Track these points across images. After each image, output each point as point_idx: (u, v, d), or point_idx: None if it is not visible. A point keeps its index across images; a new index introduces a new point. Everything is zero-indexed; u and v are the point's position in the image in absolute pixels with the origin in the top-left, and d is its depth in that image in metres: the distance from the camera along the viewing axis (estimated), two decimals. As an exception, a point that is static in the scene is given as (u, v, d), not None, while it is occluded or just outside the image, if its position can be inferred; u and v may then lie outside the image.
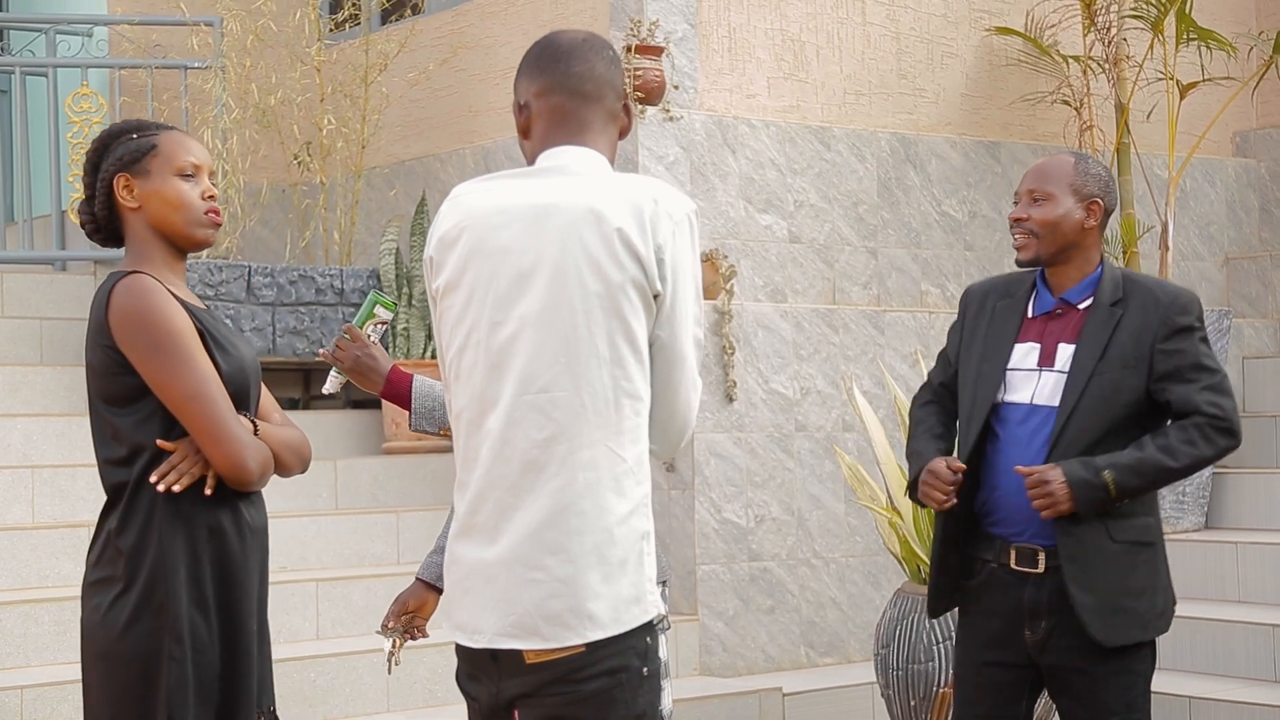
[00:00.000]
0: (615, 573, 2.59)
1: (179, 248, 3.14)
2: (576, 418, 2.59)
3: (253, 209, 7.94)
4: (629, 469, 2.61)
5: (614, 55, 2.78)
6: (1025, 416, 3.61)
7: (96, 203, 3.15)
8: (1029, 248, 3.65)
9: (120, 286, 3.02)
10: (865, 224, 7.27)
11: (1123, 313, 3.60)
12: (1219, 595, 6.40)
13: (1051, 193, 3.65)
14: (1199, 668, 6.00)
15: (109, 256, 7.71)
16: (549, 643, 2.58)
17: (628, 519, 2.60)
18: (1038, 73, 7.62)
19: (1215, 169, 8.38)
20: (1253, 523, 6.86)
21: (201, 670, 3.05)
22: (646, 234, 2.61)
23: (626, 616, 2.59)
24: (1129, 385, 3.57)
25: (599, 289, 2.60)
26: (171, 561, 3.01)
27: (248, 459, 3.02)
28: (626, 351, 2.61)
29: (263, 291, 7.36)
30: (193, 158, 3.13)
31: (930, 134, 7.51)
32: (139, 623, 3.01)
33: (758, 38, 7.11)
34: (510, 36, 7.49)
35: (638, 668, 2.60)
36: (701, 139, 6.85)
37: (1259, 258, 8.31)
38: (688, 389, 2.68)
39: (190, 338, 3.01)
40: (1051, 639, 3.58)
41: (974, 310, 3.78)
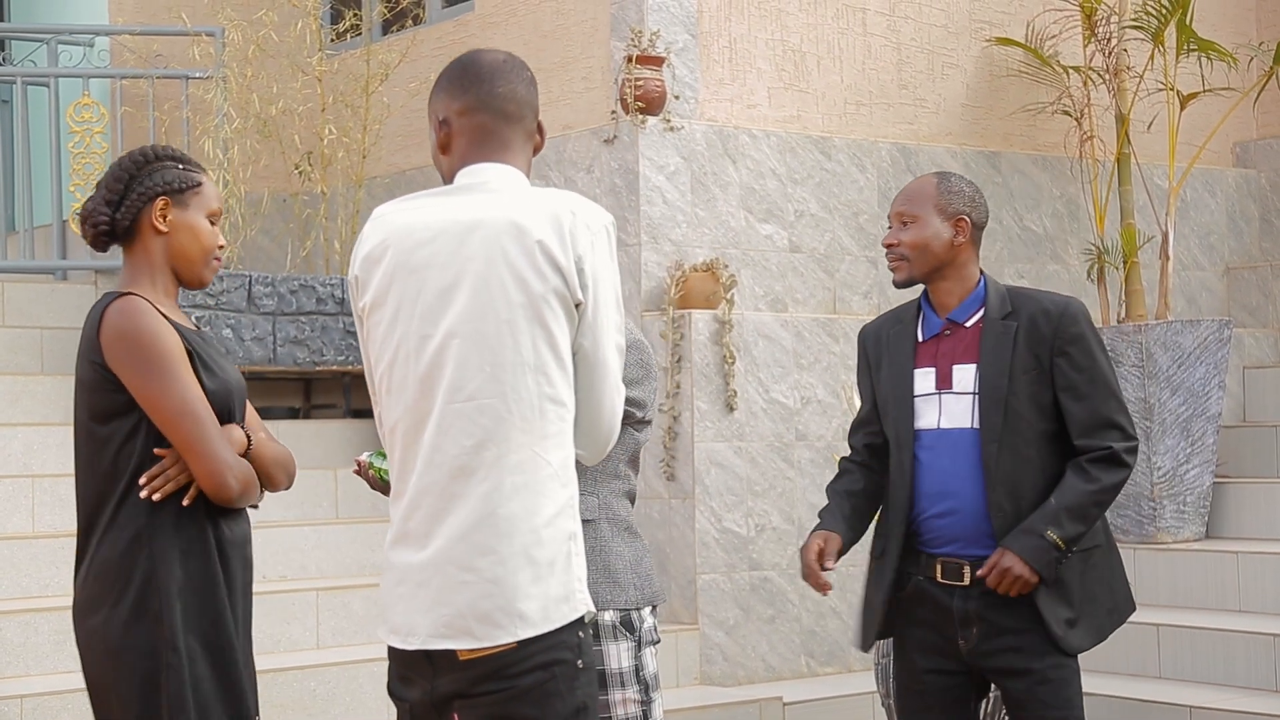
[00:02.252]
0: (544, 573, 2.68)
1: (181, 280, 3.28)
2: (503, 424, 2.69)
3: (254, 218, 7.95)
4: (554, 472, 2.71)
5: (532, 77, 2.91)
6: (935, 441, 3.67)
7: (123, 210, 3.24)
8: (902, 269, 3.74)
9: (114, 307, 3.13)
10: (866, 234, 7.27)
11: (1016, 325, 3.65)
12: (1219, 605, 6.39)
13: (918, 214, 3.73)
14: (1199, 677, 6.00)
15: (109, 266, 7.72)
16: (481, 642, 2.66)
17: (555, 520, 2.70)
18: (1038, 83, 7.63)
19: (1216, 179, 8.38)
20: (1253, 532, 6.85)
21: (196, 681, 3.10)
22: (566, 245, 2.71)
23: (556, 615, 2.68)
24: (1042, 398, 3.62)
25: (522, 299, 2.69)
26: (163, 575, 3.09)
27: (229, 477, 3.12)
28: (550, 359, 2.70)
29: (263, 301, 7.37)
30: (219, 205, 3.32)
31: (931, 144, 7.52)
32: (135, 635, 3.07)
33: (758, 48, 7.12)
34: (511, 46, 7.50)
35: (572, 660, 2.70)
36: (702, 149, 6.86)
37: (1259, 268, 8.32)
38: (611, 395, 2.78)
39: (179, 357, 3.12)
40: (984, 645, 3.64)
41: (872, 347, 3.86)
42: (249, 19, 7.91)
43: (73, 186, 8.13)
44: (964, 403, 3.64)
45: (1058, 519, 3.55)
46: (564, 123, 7.18)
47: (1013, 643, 3.61)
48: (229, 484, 3.12)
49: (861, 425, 3.89)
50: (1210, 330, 6.95)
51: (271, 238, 8.36)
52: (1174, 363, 6.84)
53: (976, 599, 3.62)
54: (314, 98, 7.84)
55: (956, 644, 3.66)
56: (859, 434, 3.90)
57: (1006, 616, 3.61)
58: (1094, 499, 3.59)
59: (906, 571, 3.74)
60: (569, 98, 7.19)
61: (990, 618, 3.61)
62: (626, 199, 6.77)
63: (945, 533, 3.66)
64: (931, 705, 3.71)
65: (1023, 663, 3.61)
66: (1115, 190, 7.45)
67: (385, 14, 8.11)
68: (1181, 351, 6.87)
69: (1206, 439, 6.88)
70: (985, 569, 3.57)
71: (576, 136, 7.02)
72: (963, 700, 3.71)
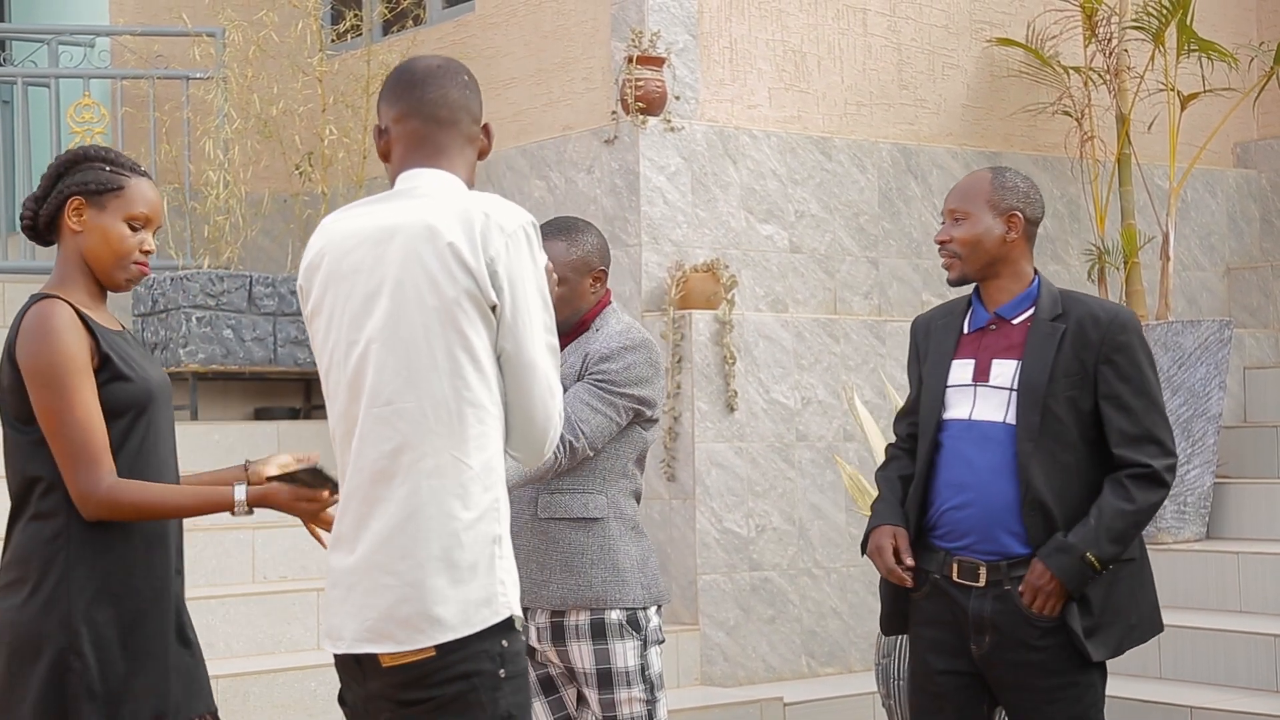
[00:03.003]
0: (465, 576, 2.68)
1: (97, 282, 3.26)
2: (419, 428, 2.70)
3: (254, 219, 7.95)
4: (475, 475, 2.70)
5: (469, 80, 2.90)
6: (962, 432, 3.65)
7: (45, 206, 3.26)
8: (955, 267, 3.73)
9: (32, 310, 3.15)
10: (866, 234, 7.27)
11: (1064, 328, 3.63)
12: (1220, 605, 6.39)
13: (970, 211, 3.70)
14: (1200, 678, 6.00)
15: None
16: (401, 645, 2.67)
17: (475, 524, 2.70)
18: (1039, 84, 7.63)
19: (1216, 180, 8.38)
20: (1254, 533, 6.85)
21: (108, 679, 3.09)
22: (477, 247, 2.70)
23: (476, 619, 2.67)
24: (1083, 403, 3.60)
25: (435, 303, 2.70)
26: (78, 574, 3.09)
27: (90, 502, 3.07)
28: (465, 362, 2.70)
29: (264, 301, 7.37)
30: (146, 210, 3.24)
31: (931, 144, 7.52)
32: (45, 627, 3.08)
33: (759, 48, 7.12)
34: (512, 47, 7.51)
35: (492, 670, 2.68)
36: (703, 149, 6.86)
37: (1260, 268, 8.32)
38: (543, 396, 2.76)
39: (77, 370, 3.10)
40: (995, 654, 3.61)
41: (922, 338, 3.85)
42: (249, 19, 7.91)
43: (73, 187, 8.13)
44: (999, 397, 3.62)
45: (1098, 540, 3.52)
46: (564, 123, 7.18)
47: (1025, 656, 3.57)
48: (89, 498, 3.07)
49: (906, 413, 3.87)
50: (1211, 331, 6.95)
51: (272, 238, 8.36)
52: (1174, 363, 6.84)
53: (992, 602, 3.59)
54: (315, 98, 7.84)
55: (969, 647, 3.63)
56: (903, 422, 3.88)
57: (1022, 628, 3.57)
58: (1133, 520, 3.56)
59: (922, 569, 3.71)
60: (569, 98, 7.20)
61: (1004, 627, 3.58)
62: (627, 199, 6.77)
63: (960, 525, 3.63)
64: (944, 707, 3.67)
65: (1031, 678, 3.57)
66: (1116, 190, 7.45)
67: (386, 14, 8.11)
68: (1182, 352, 6.87)
69: (1207, 439, 6.88)
70: (1024, 587, 3.55)
71: (577, 137, 7.03)
72: (975, 702, 3.67)
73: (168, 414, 3.29)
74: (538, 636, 3.77)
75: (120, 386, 3.16)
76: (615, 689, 3.70)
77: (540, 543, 3.74)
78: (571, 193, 7.04)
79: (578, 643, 3.72)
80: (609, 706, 3.71)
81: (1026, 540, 3.59)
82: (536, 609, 3.77)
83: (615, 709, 3.70)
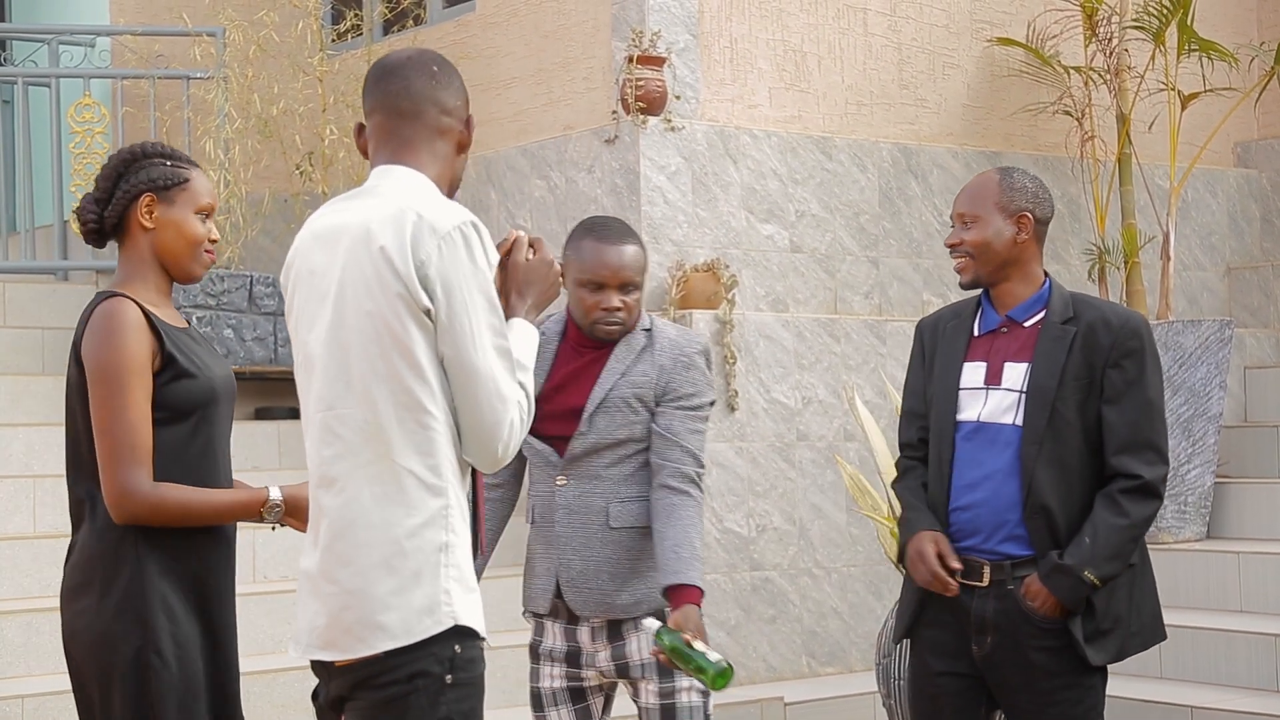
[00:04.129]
0: (408, 584, 2.63)
1: (171, 276, 3.28)
2: (359, 434, 2.66)
3: (255, 219, 7.95)
4: (420, 482, 2.65)
5: (437, 71, 2.80)
6: (971, 434, 3.65)
7: (110, 208, 3.25)
8: (967, 270, 3.70)
9: (100, 310, 3.16)
10: (867, 234, 7.27)
11: (1075, 331, 3.61)
12: (1221, 605, 6.39)
13: (979, 214, 3.68)
14: (1201, 678, 6.00)
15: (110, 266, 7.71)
16: (346, 654, 2.67)
17: (420, 531, 2.65)
18: (1039, 83, 7.63)
19: (1217, 179, 8.38)
20: (1254, 533, 6.85)
21: (188, 678, 3.11)
22: (406, 250, 2.64)
23: (418, 628, 2.63)
24: (1091, 407, 3.60)
25: (370, 307, 2.66)
26: (150, 572, 3.10)
27: (126, 499, 3.07)
28: (403, 367, 2.64)
29: (265, 301, 7.37)
30: (210, 199, 3.29)
31: (932, 144, 7.51)
32: (119, 630, 3.08)
33: (759, 48, 7.12)
34: (512, 47, 7.51)
35: (439, 674, 2.64)
36: (703, 149, 6.86)
37: (1260, 268, 8.32)
38: (490, 401, 2.67)
39: (137, 372, 3.10)
40: (996, 654, 3.60)
41: (929, 339, 3.82)
42: (250, 19, 7.91)
43: (74, 187, 8.14)
44: (1009, 399, 3.61)
45: (1094, 559, 3.52)
46: (565, 123, 7.18)
47: (1026, 658, 3.57)
48: (124, 500, 3.07)
49: (914, 418, 3.82)
50: (1211, 330, 6.95)
51: (273, 238, 8.36)
52: (1175, 363, 6.84)
53: (994, 602, 3.59)
54: (315, 98, 7.84)
55: (970, 648, 3.63)
56: (912, 427, 3.82)
57: (1024, 630, 3.57)
58: (1129, 535, 3.55)
59: None
60: (570, 98, 7.19)
61: (1006, 628, 3.58)
62: (627, 199, 6.77)
63: (967, 526, 3.63)
64: (942, 709, 3.67)
65: (1033, 679, 3.57)
66: (1116, 190, 7.45)
67: (386, 14, 8.11)
68: (1183, 352, 6.87)
69: (1208, 439, 6.88)
70: (1025, 592, 3.55)
71: (577, 137, 7.03)
72: (974, 705, 3.67)
73: (229, 411, 3.30)
74: (591, 637, 3.74)
75: (185, 385, 3.17)
76: (676, 678, 3.69)
77: (613, 553, 3.69)
78: (572, 193, 7.04)
79: (637, 635, 3.70)
80: (668, 695, 3.70)
81: (1030, 543, 3.59)
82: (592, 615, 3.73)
83: (675, 697, 3.70)
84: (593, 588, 3.69)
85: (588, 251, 3.68)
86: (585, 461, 3.69)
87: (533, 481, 3.79)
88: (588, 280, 3.68)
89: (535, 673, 3.81)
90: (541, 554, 3.75)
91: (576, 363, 3.73)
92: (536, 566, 3.77)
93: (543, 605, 3.75)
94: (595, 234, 3.71)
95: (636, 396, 3.68)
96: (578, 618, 3.74)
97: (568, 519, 3.70)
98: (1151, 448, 3.59)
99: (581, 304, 3.70)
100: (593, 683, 3.79)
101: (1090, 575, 3.52)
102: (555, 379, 3.73)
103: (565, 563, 3.69)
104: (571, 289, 3.72)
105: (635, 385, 3.69)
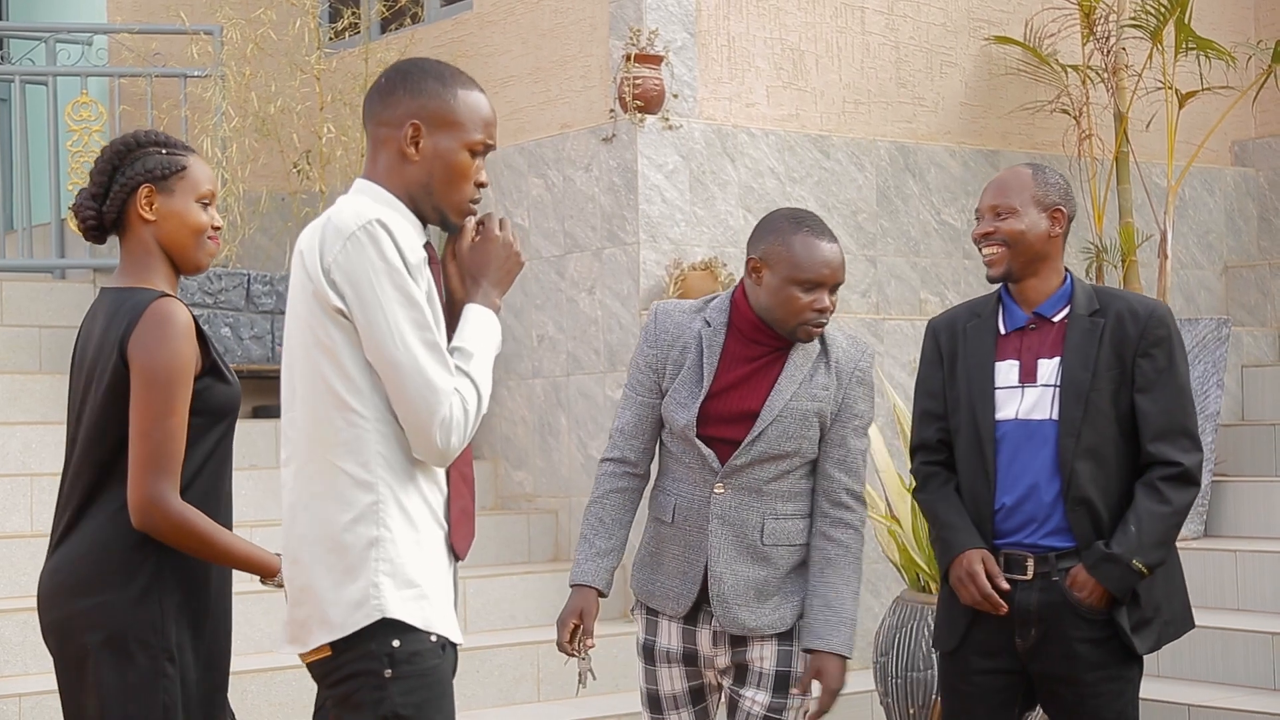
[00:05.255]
0: (344, 579, 2.72)
1: (177, 267, 3.21)
2: (303, 435, 2.77)
3: (252, 217, 7.94)
4: (350, 479, 2.73)
5: (384, 84, 2.86)
6: (1010, 431, 3.64)
7: (108, 203, 3.18)
8: (1000, 262, 3.66)
9: (154, 310, 3.07)
10: (864, 232, 7.27)
11: (1104, 323, 3.62)
12: (1218, 603, 6.40)
13: (1015, 206, 3.66)
14: (1198, 675, 6.00)
15: (108, 264, 7.72)
16: (303, 647, 2.78)
17: (353, 526, 2.72)
18: (1037, 82, 7.63)
19: (1214, 178, 8.38)
20: (1252, 531, 6.85)
21: (187, 686, 3.10)
22: (315, 252, 2.73)
23: (350, 621, 2.71)
24: (1123, 397, 3.61)
25: (301, 311, 2.77)
26: (165, 577, 3.07)
27: (155, 508, 3.02)
28: (329, 369, 2.73)
29: (262, 300, 7.37)
30: (210, 185, 3.22)
31: (929, 143, 7.51)
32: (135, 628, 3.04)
33: (757, 46, 7.11)
34: (509, 45, 7.50)
35: (378, 670, 2.71)
36: (701, 148, 6.86)
37: (1258, 266, 8.32)
38: (420, 394, 2.69)
39: (187, 382, 3.07)
40: (1041, 647, 3.60)
41: (946, 339, 3.78)
42: (247, 17, 7.91)
43: (71, 185, 8.13)
44: (1046, 395, 3.62)
45: (1141, 547, 3.54)
46: (562, 121, 7.18)
47: (1071, 649, 3.58)
48: (143, 518, 3.03)
49: (933, 419, 3.77)
50: (1209, 329, 6.95)
51: (270, 236, 8.36)
52: (1172, 361, 6.84)
53: (1039, 594, 3.59)
54: (312, 96, 7.84)
55: (1014, 643, 3.62)
56: (931, 428, 3.78)
57: (1069, 622, 3.58)
58: (1173, 522, 3.58)
59: None
60: (567, 96, 7.19)
61: (1051, 620, 3.58)
62: (625, 198, 6.77)
63: (1009, 522, 3.63)
64: (975, 707, 3.67)
65: (1077, 671, 3.57)
66: (1114, 189, 7.45)
67: (384, 13, 8.11)
68: (1180, 350, 6.87)
69: (1205, 438, 6.88)
70: (1071, 583, 3.56)
71: (575, 135, 7.02)
72: (1010, 703, 3.67)
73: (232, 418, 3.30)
74: (712, 641, 3.59)
75: (223, 389, 3.17)
76: (790, 698, 3.57)
77: (762, 571, 3.54)
78: (569, 191, 7.04)
79: (763, 644, 3.56)
80: (777, 710, 3.57)
81: (1072, 535, 3.59)
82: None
83: (783, 713, 3.57)
84: (740, 604, 3.53)
85: (802, 247, 3.46)
86: (747, 472, 3.51)
87: (677, 480, 3.59)
88: (805, 279, 3.45)
89: (651, 674, 3.63)
90: (681, 557, 3.57)
91: (748, 364, 3.53)
92: (671, 567, 3.59)
93: (679, 609, 3.57)
94: (808, 228, 3.49)
95: (815, 411, 3.52)
96: (698, 619, 3.59)
97: (721, 529, 3.53)
98: (1186, 434, 3.61)
99: (792, 303, 3.46)
100: (711, 682, 3.65)
101: (1139, 563, 3.54)
102: (725, 379, 3.53)
103: (716, 575, 3.52)
104: (778, 285, 3.46)
105: (815, 398, 3.52)
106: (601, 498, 3.65)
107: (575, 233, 7.02)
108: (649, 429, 3.62)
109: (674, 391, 3.56)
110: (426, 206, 2.85)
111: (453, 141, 2.83)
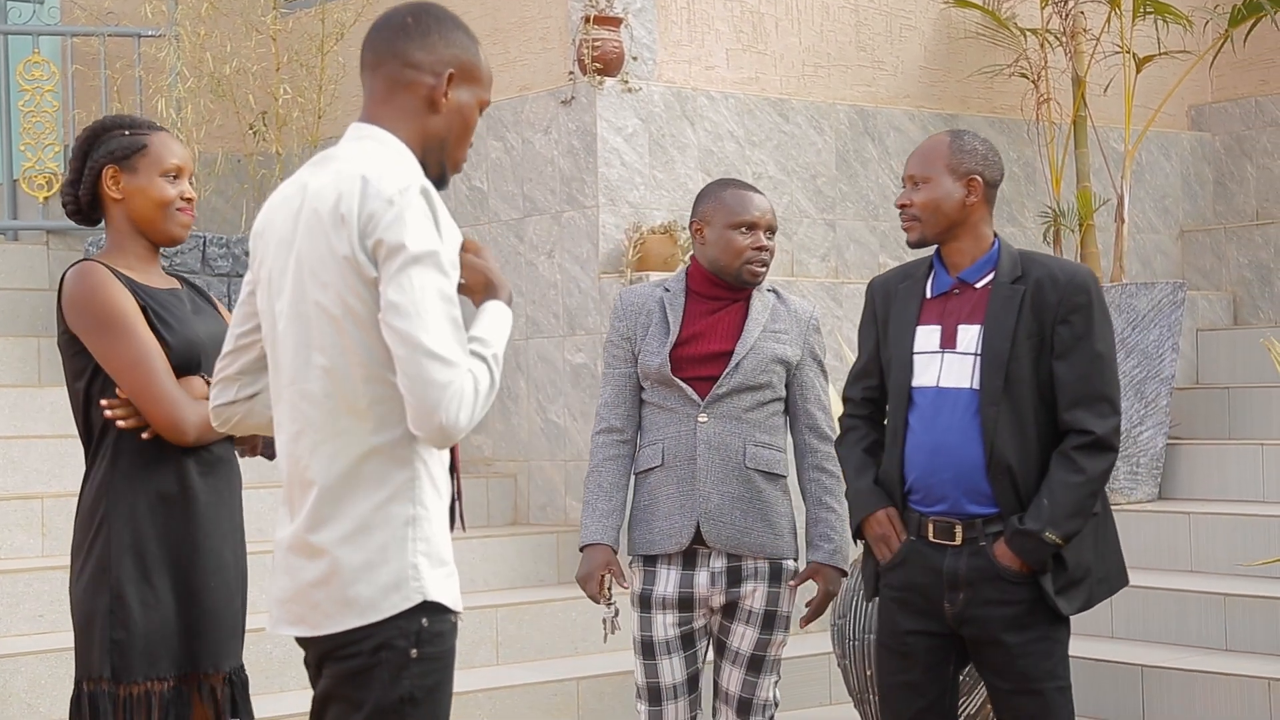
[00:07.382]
0: (375, 559, 2.59)
1: (153, 240, 3.40)
2: (319, 409, 2.61)
3: (208, 179, 7.88)
4: (384, 455, 2.59)
5: (411, 23, 2.71)
6: (933, 399, 3.67)
7: (82, 187, 3.39)
8: (914, 230, 3.75)
9: (69, 273, 3.32)
10: (824, 196, 7.27)
11: (1024, 290, 3.64)
12: (1171, 565, 6.46)
13: (930, 175, 3.71)
14: (1151, 637, 6.06)
15: (61, 226, 7.66)
16: (315, 630, 2.63)
17: (386, 505, 2.59)
18: (996, 46, 7.64)
19: (1171, 142, 8.42)
20: (1205, 493, 6.92)
21: (152, 628, 3.24)
22: (354, 218, 2.56)
23: (386, 604, 2.59)
24: (1043, 364, 3.63)
25: (327, 278, 2.59)
26: (116, 526, 3.26)
27: (182, 417, 3.25)
28: (361, 337, 2.58)
29: (218, 262, 7.32)
30: (176, 160, 3.39)
31: (889, 106, 7.51)
32: (89, 579, 3.27)
33: (716, 9, 7.09)
34: (468, 6, 7.45)
35: (404, 649, 2.59)
36: (660, 111, 6.84)
37: (1213, 230, 8.37)
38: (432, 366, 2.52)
39: (131, 315, 3.26)
40: (969, 610, 3.64)
41: (881, 300, 3.84)
42: (202, -23, 7.82)
43: (23, 145, 8.04)
44: (966, 363, 3.64)
45: (1055, 520, 3.55)
46: (521, 84, 7.14)
47: (998, 612, 3.62)
48: (180, 422, 3.24)
49: (861, 377, 3.87)
50: (1164, 293, 7.00)
51: (226, 199, 8.29)
52: (1128, 325, 6.88)
53: (967, 559, 3.63)
54: (268, 57, 7.77)
55: (942, 606, 3.67)
56: (857, 386, 3.87)
57: (995, 586, 3.62)
58: (1087, 491, 3.59)
59: None
60: (526, 58, 7.15)
61: (978, 584, 3.62)
62: (584, 160, 6.74)
63: (935, 490, 3.66)
64: (911, 667, 3.71)
65: (1005, 633, 3.62)
66: (1071, 153, 7.47)
67: (340, -28, 8.03)
68: (1136, 314, 6.91)
69: (1160, 401, 6.93)
70: (996, 555, 3.61)
71: (534, 98, 6.99)
72: (943, 663, 3.71)
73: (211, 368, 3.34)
74: (710, 580, 3.93)
75: (165, 341, 3.30)
76: (774, 631, 3.96)
77: (746, 491, 3.91)
78: (528, 154, 7.01)
79: (754, 582, 3.93)
80: (763, 646, 3.95)
81: (995, 502, 3.63)
82: (713, 553, 3.92)
83: (768, 649, 3.96)
84: (727, 522, 3.89)
85: (733, 198, 3.95)
86: (727, 401, 3.91)
87: (661, 426, 3.96)
88: (740, 222, 3.92)
89: (646, 621, 3.94)
90: (674, 494, 3.92)
91: (710, 315, 3.96)
92: (667, 507, 3.93)
93: (675, 545, 3.90)
94: (735, 183, 4.01)
95: (779, 356, 3.95)
96: (695, 562, 3.91)
97: (708, 454, 3.90)
98: (1103, 399, 3.62)
99: (732, 244, 3.92)
100: (700, 624, 3.95)
101: (1051, 535, 3.56)
102: (690, 329, 3.94)
103: (704, 495, 3.89)
104: (718, 235, 3.94)
105: (779, 340, 3.96)
106: (598, 466, 4.02)
107: (534, 196, 6.99)
108: (630, 395, 4.01)
109: (645, 345, 3.96)
110: (434, 159, 2.72)
111: (472, 97, 2.75)
